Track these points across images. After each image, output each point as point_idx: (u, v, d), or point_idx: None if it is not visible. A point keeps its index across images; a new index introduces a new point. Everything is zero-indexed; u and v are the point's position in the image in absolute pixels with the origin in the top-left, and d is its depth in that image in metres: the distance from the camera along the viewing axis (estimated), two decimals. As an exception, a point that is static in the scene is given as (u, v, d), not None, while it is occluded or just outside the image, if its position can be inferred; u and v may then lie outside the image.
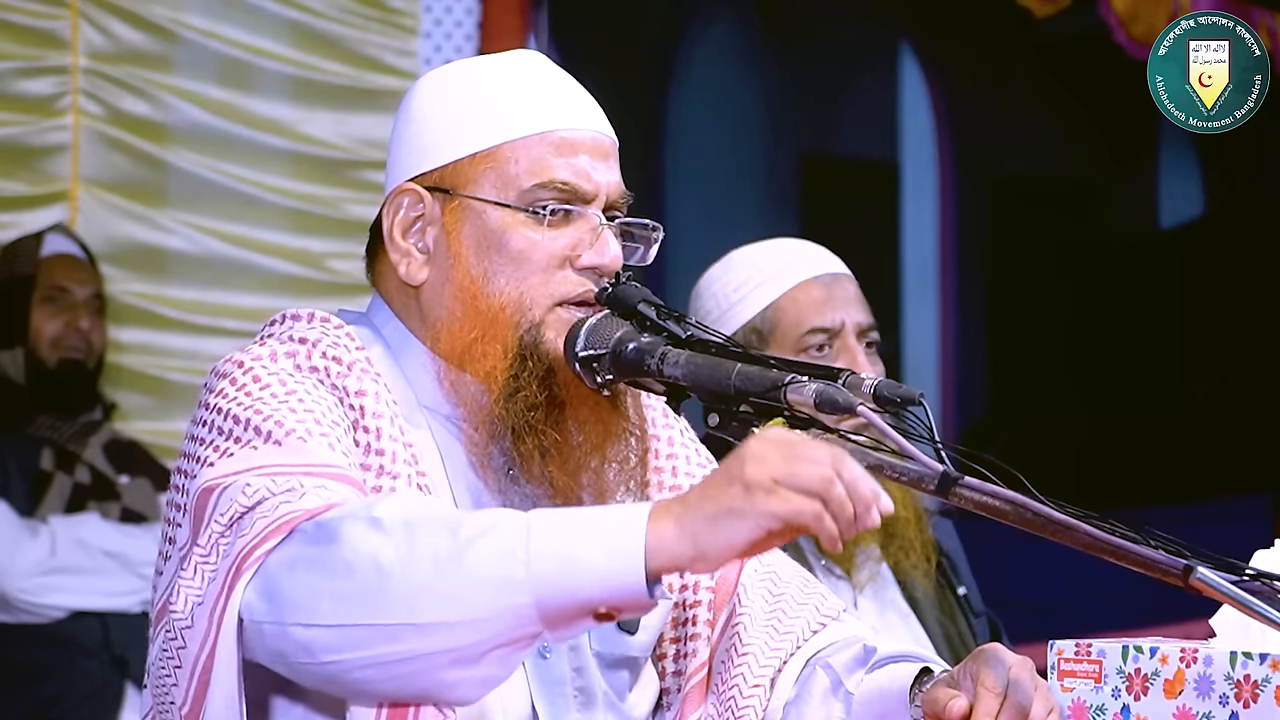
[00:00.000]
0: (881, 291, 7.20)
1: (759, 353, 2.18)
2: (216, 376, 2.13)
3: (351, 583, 1.85)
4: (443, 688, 1.88)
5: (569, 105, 2.24)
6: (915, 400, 2.05)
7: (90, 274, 4.74)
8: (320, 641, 1.87)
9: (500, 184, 2.19)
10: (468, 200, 2.19)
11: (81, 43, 5.05)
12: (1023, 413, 10.69)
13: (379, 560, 1.85)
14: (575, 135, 2.22)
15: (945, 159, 11.19)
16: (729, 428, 2.12)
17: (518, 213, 2.18)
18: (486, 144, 2.20)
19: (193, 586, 1.95)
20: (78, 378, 4.65)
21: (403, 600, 1.84)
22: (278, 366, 2.12)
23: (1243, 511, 7.64)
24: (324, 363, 2.14)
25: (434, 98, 2.25)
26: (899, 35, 11.11)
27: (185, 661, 1.94)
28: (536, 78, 2.25)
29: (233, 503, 1.97)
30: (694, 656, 2.30)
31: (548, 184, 2.19)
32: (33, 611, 4.42)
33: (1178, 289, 10.70)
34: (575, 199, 2.20)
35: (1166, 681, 1.99)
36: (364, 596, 1.85)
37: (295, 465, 2.00)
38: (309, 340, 2.16)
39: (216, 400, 2.10)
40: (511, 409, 2.16)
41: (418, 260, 2.22)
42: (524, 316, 2.18)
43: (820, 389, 2.03)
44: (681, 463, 2.34)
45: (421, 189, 2.22)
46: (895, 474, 2.00)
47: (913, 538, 3.10)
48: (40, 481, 4.52)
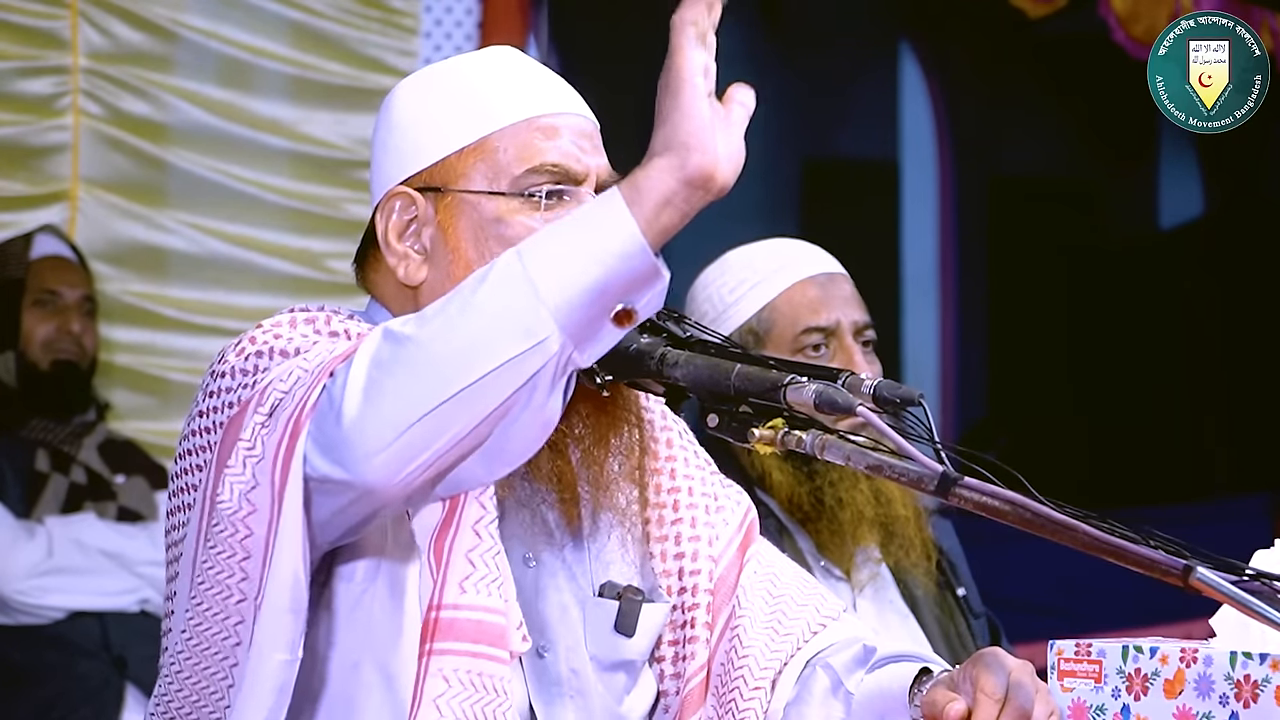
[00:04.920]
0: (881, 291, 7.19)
1: (758, 353, 2.18)
2: (233, 349, 2.11)
3: (403, 376, 1.87)
4: (515, 436, 1.91)
5: (550, 91, 2.25)
6: (915, 400, 2.05)
7: (80, 275, 4.73)
8: (397, 439, 1.88)
9: (491, 174, 2.19)
10: (460, 195, 2.19)
11: (81, 43, 5.05)
12: (1022, 413, 10.68)
13: (413, 345, 1.88)
14: (560, 119, 2.22)
15: (945, 159, 11.19)
16: (728, 428, 2.12)
17: (512, 199, 2.18)
18: (473, 137, 2.20)
19: (241, 478, 1.96)
20: (71, 380, 4.64)
21: (445, 369, 1.87)
22: (296, 332, 2.11)
23: (1243, 511, 7.64)
24: (343, 325, 2.14)
25: (414, 100, 2.26)
26: (899, 35, 11.11)
27: (254, 550, 1.95)
28: (514, 69, 2.26)
29: (270, 393, 1.98)
30: (692, 659, 2.30)
31: (539, 168, 2.19)
32: (31, 613, 4.42)
33: (1178, 289, 10.70)
34: (567, 180, 2.20)
35: (1166, 681, 1.99)
36: (416, 383, 1.87)
37: (323, 356, 2.00)
38: (325, 310, 2.17)
39: (231, 358, 2.09)
40: None
41: (416, 261, 2.21)
42: None
43: (820, 389, 2.03)
44: (680, 465, 2.34)
45: (412, 191, 2.22)
46: (895, 474, 2.00)
47: (912, 536, 3.10)
48: (35, 483, 4.52)
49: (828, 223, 8.58)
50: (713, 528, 2.33)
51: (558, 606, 2.21)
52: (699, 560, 2.30)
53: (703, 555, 2.30)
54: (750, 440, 2.09)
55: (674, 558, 2.27)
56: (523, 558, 2.19)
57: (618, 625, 2.22)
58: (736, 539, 2.35)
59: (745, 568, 2.34)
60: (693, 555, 2.30)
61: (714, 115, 1.90)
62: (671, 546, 2.29)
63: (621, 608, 2.22)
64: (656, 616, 2.27)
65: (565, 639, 2.20)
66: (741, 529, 2.37)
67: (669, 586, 2.31)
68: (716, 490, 2.37)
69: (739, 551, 2.35)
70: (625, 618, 2.22)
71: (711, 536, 2.32)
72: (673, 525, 2.31)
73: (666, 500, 2.31)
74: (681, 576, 2.32)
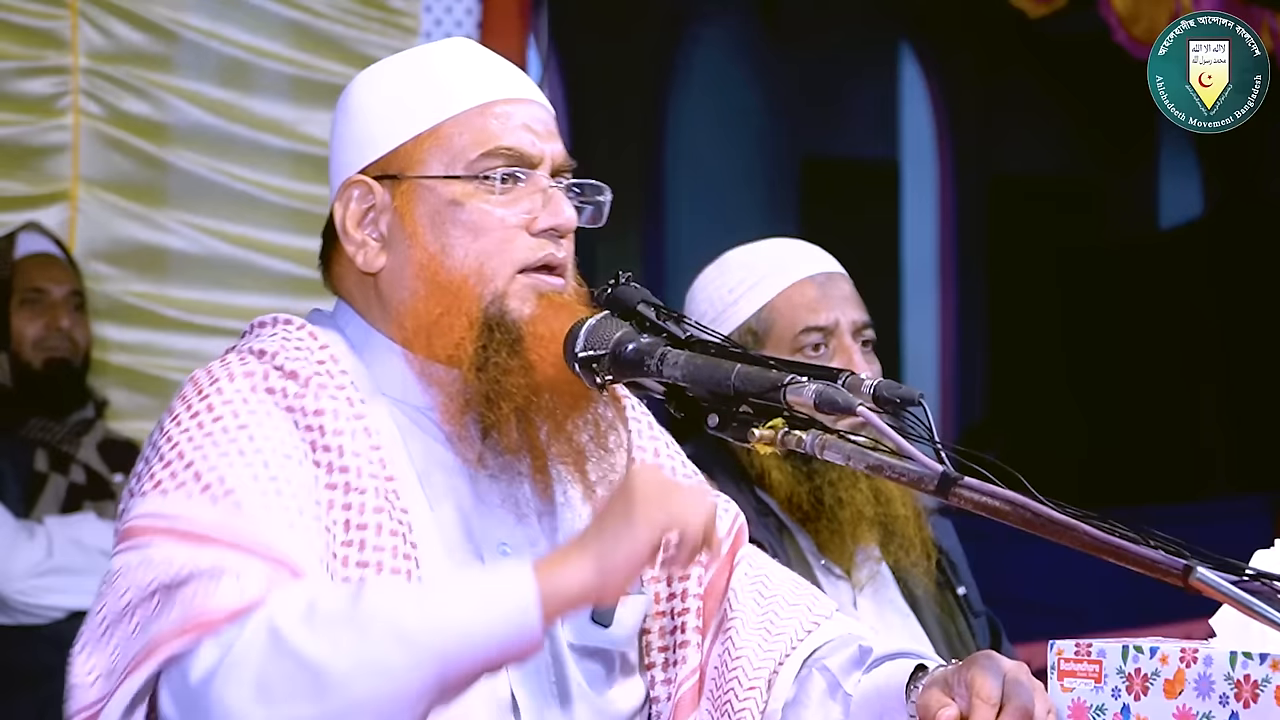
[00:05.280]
0: (881, 291, 7.20)
1: (758, 353, 2.18)
2: (179, 399, 2.15)
3: (281, 690, 1.92)
4: None
5: (504, 78, 2.26)
6: (915, 400, 2.05)
7: (67, 271, 4.72)
8: None
9: (447, 159, 2.21)
10: (417, 181, 2.21)
11: (81, 43, 5.05)
12: (1022, 412, 10.69)
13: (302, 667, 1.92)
14: (515, 105, 2.23)
15: (945, 159, 11.20)
16: (728, 428, 2.12)
17: (468, 183, 2.20)
18: (428, 124, 2.22)
19: (100, 652, 2.03)
20: (66, 378, 4.64)
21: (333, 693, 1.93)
22: (234, 389, 2.13)
23: (1243, 511, 7.65)
24: (281, 382, 2.14)
25: (370, 91, 2.27)
26: (899, 35, 11.12)
27: (79, 699, 2.04)
28: (469, 57, 2.28)
29: (153, 571, 2.01)
30: (684, 664, 2.31)
31: (494, 151, 2.20)
32: (31, 613, 4.42)
33: (1177, 289, 10.70)
34: (523, 163, 2.21)
35: (1166, 681, 1.99)
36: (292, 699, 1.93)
37: (222, 538, 2.02)
38: (267, 353, 2.17)
39: (170, 426, 2.12)
40: (484, 378, 2.17)
41: (374, 248, 2.23)
42: (486, 287, 2.19)
43: (820, 389, 2.03)
44: (667, 474, 2.34)
45: (369, 179, 2.23)
46: (895, 474, 2.00)
47: (912, 535, 3.10)
48: (35, 483, 4.52)
49: (828, 223, 8.59)
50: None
51: None
52: (688, 566, 2.30)
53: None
54: (750, 440, 2.09)
55: (662, 564, 2.27)
56: (498, 545, 2.20)
57: (594, 616, 2.23)
58: (725, 544, 2.36)
59: (735, 570, 2.35)
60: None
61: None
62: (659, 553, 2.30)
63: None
64: (635, 607, 2.27)
65: None
66: (730, 534, 2.38)
67: (658, 593, 2.32)
68: None
69: (728, 556, 2.36)
70: (601, 610, 2.23)
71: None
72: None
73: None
74: (670, 582, 2.33)
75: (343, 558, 2.09)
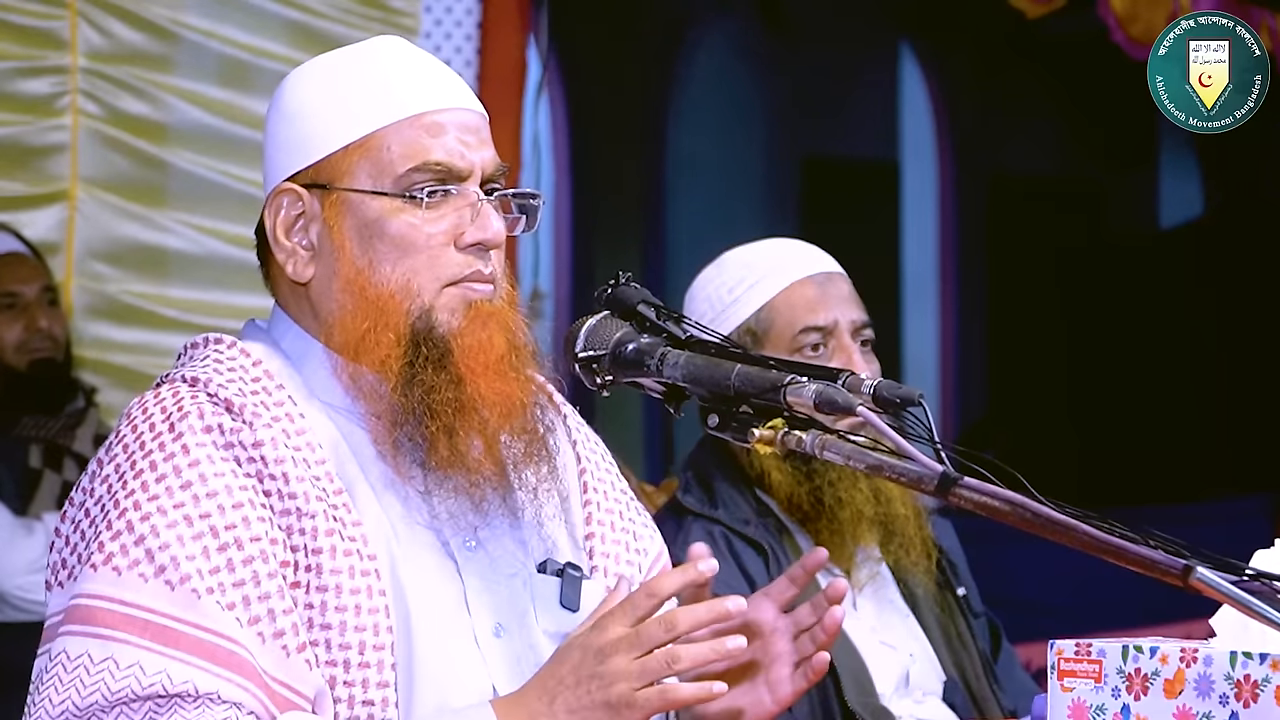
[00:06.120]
0: (881, 291, 7.20)
1: (758, 353, 2.18)
2: (119, 443, 2.14)
3: None
4: None
5: (436, 86, 2.25)
6: (915, 401, 2.05)
7: (35, 269, 4.73)
8: None
9: (375, 172, 2.20)
10: (345, 193, 2.21)
11: (81, 43, 5.05)
12: (1022, 412, 10.69)
13: None
14: (445, 115, 2.23)
15: (945, 159, 11.19)
16: (728, 428, 2.12)
17: (395, 199, 2.20)
18: (358, 134, 2.21)
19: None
20: (52, 376, 4.66)
21: None
22: (175, 441, 2.11)
23: (1243, 511, 7.64)
24: (216, 419, 2.13)
25: (303, 93, 2.27)
26: (899, 35, 11.11)
27: None
28: (401, 63, 2.26)
29: (99, 681, 2.06)
30: None
31: (422, 166, 2.20)
32: (30, 610, 4.42)
33: (1177, 289, 10.70)
34: (451, 178, 2.21)
35: (1166, 681, 1.98)
36: None
37: (183, 635, 2.04)
38: (200, 380, 2.17)
39: (115, 481, 2.11)
40: (410, 396, 2.17)
41: (303, 258, 2.23)
42: (413, 302, 2.19)
43: (820, 390, 2.04)
44: (601, 498, 2.36)
45: (299, 187, 2.23)
46: (895, 474, 2.00)
47: (912, 535, 3.11)
48: (30, 480, 4.52)
49: (828, 223, 8.59)
50: (632, 565, 2.35)
51: (505, 585, 2.22)
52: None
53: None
54: (750, 440, 2.09)
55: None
56: (464, 543, 2.21)
57: (563, 600, 2.23)
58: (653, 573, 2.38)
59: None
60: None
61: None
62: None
63: (564, 584, 2.24)
64: (598, 593, 2.28)
65: (517, 616, 2.22)
66: (656, 565, 2.40)
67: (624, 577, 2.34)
68: (633, 525, 2.39)
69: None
70: (568, 593, 2.24)
71: (632, 574, 2.35)
72: (601, 558, 2.33)
73: (595, 531, 2.33)
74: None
75: (305, 584, 2.10)
